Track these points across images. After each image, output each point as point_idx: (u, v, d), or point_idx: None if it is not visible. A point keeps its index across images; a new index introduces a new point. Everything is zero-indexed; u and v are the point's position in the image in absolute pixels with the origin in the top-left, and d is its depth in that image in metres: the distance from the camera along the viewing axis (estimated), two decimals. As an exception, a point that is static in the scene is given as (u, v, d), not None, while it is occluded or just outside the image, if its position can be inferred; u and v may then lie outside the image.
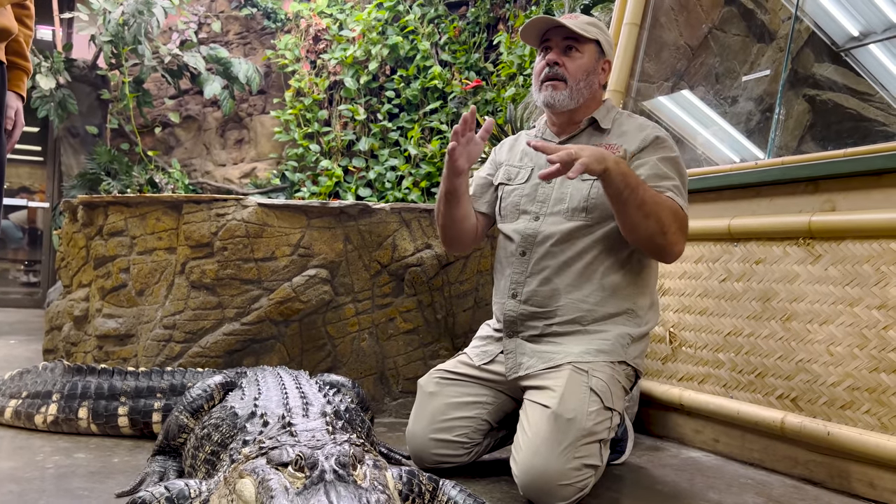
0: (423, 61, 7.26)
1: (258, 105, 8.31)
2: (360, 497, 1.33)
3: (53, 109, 7.31)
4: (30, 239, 10.21)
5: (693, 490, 2.32)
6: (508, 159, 2.54)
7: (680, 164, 2.29)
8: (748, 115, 3.84)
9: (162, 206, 3.19)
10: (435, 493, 1.83)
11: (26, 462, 2.36)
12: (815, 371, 2.43)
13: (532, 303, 2.32)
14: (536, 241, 2.33)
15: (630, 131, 2.34)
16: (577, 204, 2.30)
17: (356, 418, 2.05)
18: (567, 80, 2.31)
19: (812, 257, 2.46)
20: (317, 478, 1.37)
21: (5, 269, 10.84)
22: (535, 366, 2.27)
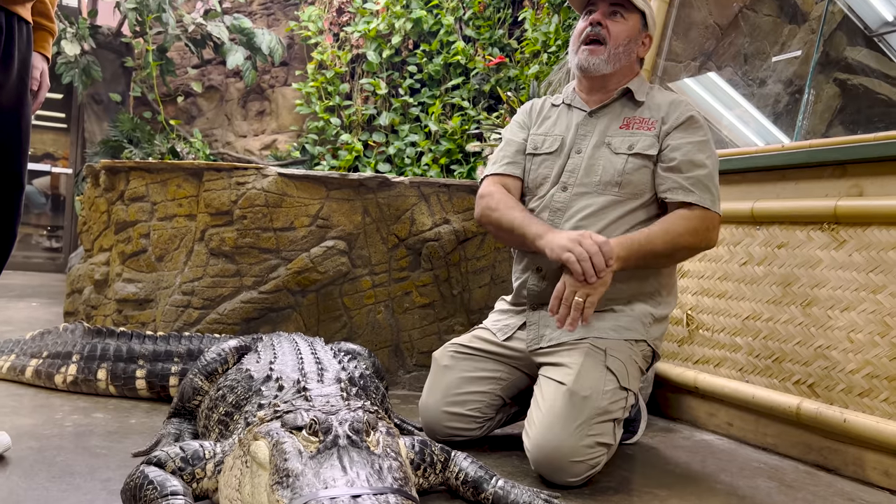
0: (446, 36, 7.20)
1: (280, 77, 8.29)
2: (372, 463, 1.34)
3: (78, 76, 7.34)
4: (53, 204, 10.32)
5: (705, 472, 2.32)
6: (534, 126, 2.50)
7: (712, 146, 2.27)
8: (776, 97, 3.77)
9: (183, 172, 3.21)
10: (446, 464, 1.84)
11: (46, 420, 2.41)
12: (834, 357, 2.40)
13: (557, 278, 2.30)
14: (565, 215, 2.30)
15: (663, 105, 2.31)
16: (609, 178, 2.27)
17: (371, 385, 2.06)
18: (607, 44, 2.27)
19: (836, 243, 2.42)
20: (330, 442, 1.38)
21: (28, 234, 11.00)
22: (559, 338, 2.26)
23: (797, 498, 2.11)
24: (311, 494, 1.23)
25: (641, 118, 2.31)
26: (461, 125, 6.80)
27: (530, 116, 2.53)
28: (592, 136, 2.34)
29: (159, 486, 1.54)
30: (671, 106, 2.30)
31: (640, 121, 2.31)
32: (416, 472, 1.77)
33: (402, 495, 1.27)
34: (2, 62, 1.98)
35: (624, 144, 2.28)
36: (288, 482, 1.29)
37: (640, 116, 2.31)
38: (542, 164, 2.41)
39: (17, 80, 2.04)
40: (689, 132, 2.24)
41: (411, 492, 1.34)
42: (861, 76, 4.06)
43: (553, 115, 2.48)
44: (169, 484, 1.55)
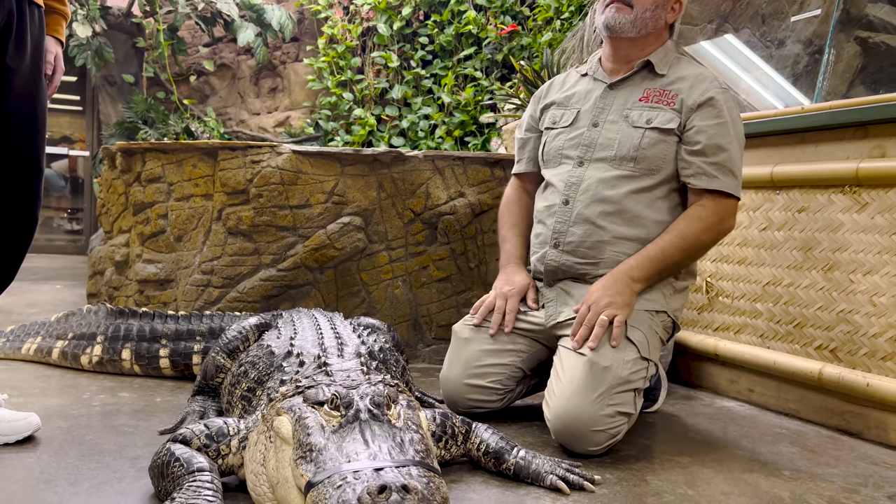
0: (457, 6, 7.11)
1: (291, 53, 8.25)
2: (393, 436, 1.36)
3: (90, 58, 7.36)
4: (72, 187, 10.42)
5: (726, 438, 2.32)
6: (557, 99, 2.48)
7: (737, 125, 2.25)
8: (795, 58, 3.70)
9: (198, 152, 3.21)
10: (468, 435, 1.86)
11: (74, 400, 2.45)
12: (857, 322, 2.38)
13: (575, 253, 2.29)
14: (580, 189, 2.29)
15: (688, 78, 2.26)
16: (625, 152, 2.25)
17: (390, 359, 2.08)
18: (633, 6, 2.22)
19: (858, 205, 2.39)
20: (352, 416, 1.39)
21: (49, 217, 11.11)
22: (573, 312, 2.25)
23: (819, 462, 2.11)
24: (334, 468, 1.25)
25: (662, 90, 2.26)
26: (474, 96, 6.74)
27: (551, 92, 2.53)
28: (611, 110, 2.32)
29: (186, 462, 1.57)
30: (695, 80, 2.25)
31: (660, 93, 2.26)
32: (438, 444, 1.79)
33: (424, 467, 1.28)
34: (15, 47, 1.98)
35: (642, 118, 2.25)
36: (311, 456, 1.31)
37: (661, 89, 2.27)
38: (557, 137, 2.41)
39: (31, 64, 2.05)
40: (715, 113, 2.20)
41: (433, 463, 1.36)
42: (883, 34, 3.96)
43: (577, 86, 2.46)
44: (195, 460, 1.57)
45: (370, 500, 1.13)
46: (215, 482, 1.55)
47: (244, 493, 1.59)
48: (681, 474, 1.95)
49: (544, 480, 1.79)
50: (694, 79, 2.25)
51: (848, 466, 2.08)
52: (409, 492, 1.15)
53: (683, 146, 2.22)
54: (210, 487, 1.52)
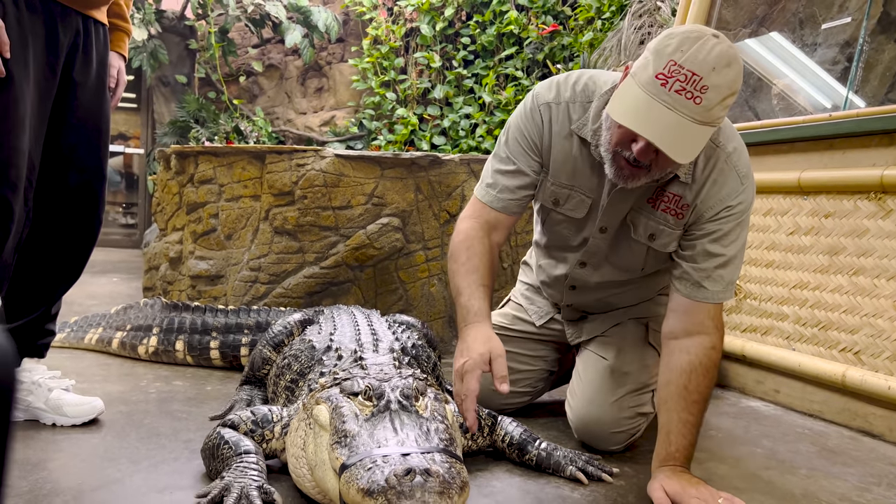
0: (499, 6, 7.20)
1: (337, 53, 8.45)
2: (420, 425, 1.49)
3: (146, 59, 7.67)
4: (127, 183, 10.82)
5: (747, 437, 2.39)
6: (555, 172, 2.03)
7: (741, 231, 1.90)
8: (831, 64, 3.70)
9: (247, 156, 3.40)
10: (493, 427, 1.98)
11: (132, 387, 2.65)
12: (880, 326, 2.42)
13: (591, 308, 2.35)
14: (585, 286, 2.22)
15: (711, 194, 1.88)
16: (631, 265, 2.12)
17: (422, 354, 2.21)
18: (652, 170, 1.77)
19: (883, 212, 2.43)
20: (383, 406, 1.53)
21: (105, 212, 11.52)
22: (597, 330, 2.34)
23: (836, 462, 2.17)
24: (365, 452, 1.39)
25: (674, 195, 1.91)
26: (515, 95, 6.83)
27: (541, 139, 2.02)
28: (620, 212, 2.00)
29: (234, 445, 1.73)
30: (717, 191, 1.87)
31: (670, 199, 1.92)
32: (465, 436, 1.92)
33: (448, 454, 1.41)
34: (82, 63, 2.17)
35: (646, 231, 1.99)
36: (346, 441, 1.45)
37: (673, 192, 1.91)
38: (560, 224, 2.13)
39: (97, 79, 2.23)
40: (720, 221, 1.88)
41: (456, 451, 1.49)
42: (925, 36, 3.93)
43: (574, 155, 1.99)
44: (242, 443, 1.74)
45: (396, 480, 1.27)
46: (260, 463, 1.71)
47: (286, 474, 1.75)
48: (696, 469, 2.03)
49: (564, 471, 1.91)
50: (717, 189, 1.87)
51: (864, 466, 2.14)
52: (432, 475, 1.28)
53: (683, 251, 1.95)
54: (255, 468, 1.68)
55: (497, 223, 2.05)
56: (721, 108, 1.63)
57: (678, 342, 1.88)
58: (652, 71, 1.63)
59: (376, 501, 1.26)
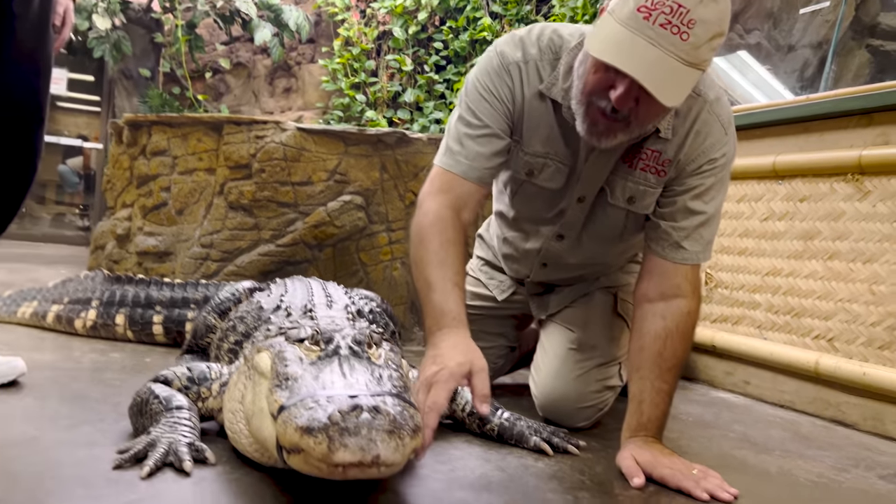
0: (473, 12, 7.16)
1: (307, 54, 8.33)
2: (372, 371, 1.33)
3: (108, 50, 7.44)
4: (86, 184, 10.50)
5: (718, 422, 2.28)
6: (528, 139, 1.85)
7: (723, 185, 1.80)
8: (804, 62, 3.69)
9: (203, 126, 3.23)
10: (453, 396, 1.83)
11: (64, 357, 2.45)
12: (855, 311, 2.35)
13: (559, 281, 2.21)
14: (559, 261, 2.08)
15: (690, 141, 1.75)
16: (610, 234, 1.97)
17: (380, 321, 2.06)
18: (630, 124, 1.61)
19: (860, 194, 2.36)
20: (331, 351, 1.37)
21: (61, 213, 11.19)
22: (564, 301, 2.22)
23: (811, 446, 2.07)
24: (308, 393, 1.23)
25: (652, 151, 1.76)
26: (486, 101, 6.77)
27: (513, 103, 1.81)
28: (599, 178, 1.85)
29: (165, 400, 1.56)
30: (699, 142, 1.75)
31: (649, 156, 1.77)
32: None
33: (401, 399, 1.26)
34: None
35: (624, 194, 1.84)
36: (287, 384, 1.29)
37: (652, 148, 1.76)
38: (535, 196, 1.94)
39: (39, 13, 2.07)
40: (702, 175, 1.76)
41: (410, 398, 1.33)
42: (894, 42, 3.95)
43: (547, 119, 1.82)
44: (175, 399, 1.56)
45: (340, 417, 1.11)
46: (193, 420, 1.53)
47: (224, 438, 1.58)
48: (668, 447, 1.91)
49: (528, 441, 1.77)
50: (699, 141, 1.75)
51: (840, 451, 2.04)
52: (381, 413, 1.13)
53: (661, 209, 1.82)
54: (187, 424, 1.51)
55: (468, 198, 1.80)
56: (708, 48, 1.49)
57: (653, 306, 1.76)
58: (633, 4, 1.47)
59: (316, 439, 1.09)
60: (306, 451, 1.11)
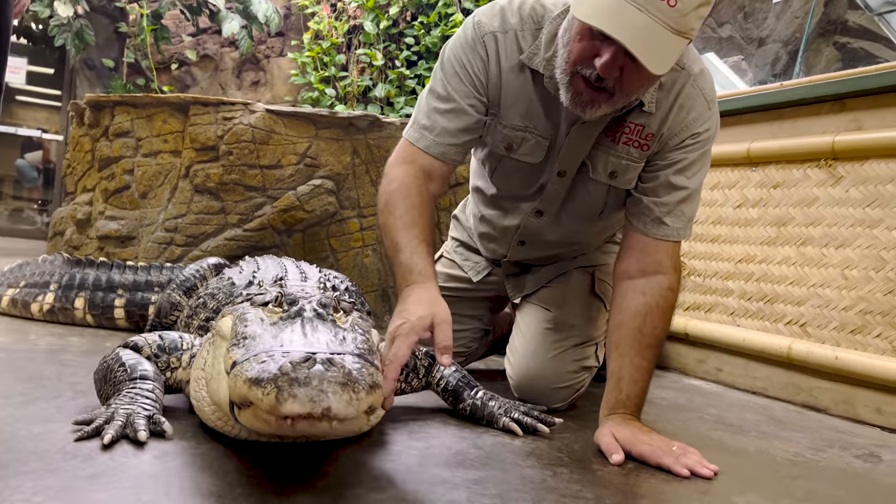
0: (444, 8, 7.12)
1: (276, 47, 8.22)
2: (336, 333, 1.26)
3: (70, 39, 7.24)
4: (45, 179, 10.23)
5: (692, 406, 2.27)
6: (506, 113, 1.80)
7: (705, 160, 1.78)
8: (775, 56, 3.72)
9: (169, 107, 3.14)
10: (430, 369, 1.78)
11: (19, 339, 2.34)
12: (828, 296, 2.35)
13: (535, 260, 2.17)
14: (539, 237, 2.04)
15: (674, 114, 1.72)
16: (590, 211, 1.92)
17: (355, 300, 2.00)
18: (615, 95, 1.57)
19: (833, 179, 2.37)
20: (294, 312, 1.30)
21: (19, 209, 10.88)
22: (540, 281, 2.19)
23: (786, 428, 2.07)
24: (263, 349, 1.15)
25: (635, 125, 1.73)
26: (457, 97, 6.74)
27: (487, 76, 1.77)
28: (581, 152, 1.80)
29: (130, 368, 1.48)
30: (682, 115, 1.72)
31: (632, 129, 1.74)
32: (399, 378, 1.71)
33: (362, 358, 1.19)
34: None
35: (606, 169, 1.80)
36: (244, 343, 1.21)
37: (635, 122, 1.73)
38: (514, 171, 1.90)
39: None
40: (686, 150, 1.73)
41: (374, 360, 1.27)
42: (862, 40, 4.01)
43: (527, 91, 1.77)
44: (140, 367, 1.49)
45: (291, 367, 1.05)
46: (156, 392, 1.46)
47: (193, 413, 1.50)
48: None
49: (497, 422, 1.72)
50: (683, 114, 1.72)
51: (814, 433, 2.04)
52: (335, 365, 1.06)
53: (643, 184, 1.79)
54: (149, 397, 1.43)
55: (433, 172, 1.77)
56: (696, 17, 1.46)
57: (633, 282, 1.74)
58: None
59: (264, 390, 1.03)
60: (255, 403, 1.04)
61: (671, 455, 1.54)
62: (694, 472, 1.51)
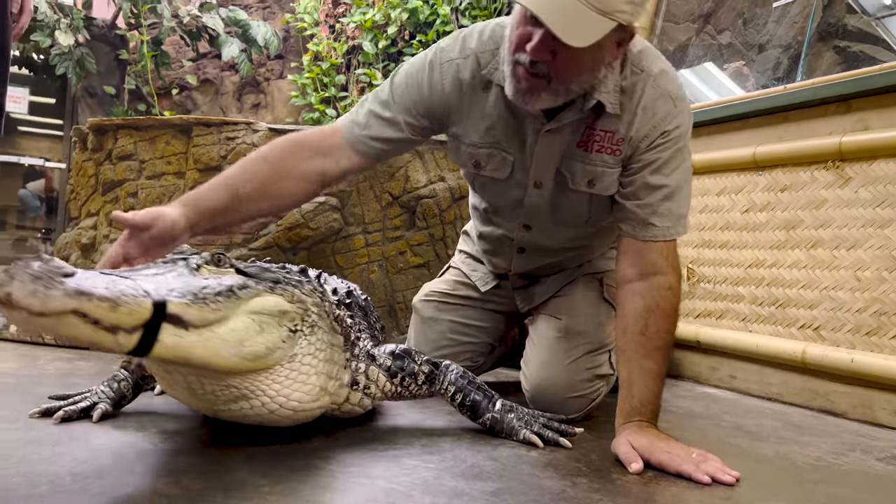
0: (442, 26, 7.16)
1: (276, 70, 8.26)
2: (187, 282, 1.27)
3: (72, 67, 7.29)
4: (48, 208, 10.25)
5: (708, 413, 2.24)
6: (469, 132, 1.83)
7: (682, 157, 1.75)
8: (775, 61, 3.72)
9: (172, 129, 3.14)
10: (432, 377, 1.74)
11: (27, 364, 2.33)
12: (841, 298, 2.33)
13: (541, 271, 2.17)
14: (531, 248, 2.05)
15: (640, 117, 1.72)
16: (576, 219, 1.92)
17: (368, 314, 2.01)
18: (552, 81, 1.59)
19: (841, 180, 2.36)
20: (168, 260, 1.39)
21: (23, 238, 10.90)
22: (549, 291, 2.17)
23: (805, 433, 2.03)
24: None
25: (605, 132, 1.74)
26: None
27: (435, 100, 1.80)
28: (552, 161, 1.81)
29: None
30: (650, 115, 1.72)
31: (603, 136, 1.75)
32: (393, 380, 1.69)
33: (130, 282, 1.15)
34: None
35: (584, 178, 1.80)
36: None
37: (605, 129, 1.74)
38: (490, 186, 1.93)
39: None
40: (658, 149, 1.73)
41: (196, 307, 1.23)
42: (861, 44, 4.02)
43: (490, 108, 1.79)
44: None
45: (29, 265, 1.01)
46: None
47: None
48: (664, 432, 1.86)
49: (517, 434, 1.69)
50: (649, 113, 1.72)
51: (833, 437, 2.01)
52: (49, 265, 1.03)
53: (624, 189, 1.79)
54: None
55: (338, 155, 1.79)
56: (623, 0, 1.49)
57: (632, 286, 1.72)
58: None
59: None
60: None
61: (691, 462, 1.51)
62: (715, 478, 1.48)
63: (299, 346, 1.45)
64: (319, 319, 1.51)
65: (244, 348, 1.31)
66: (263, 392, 1.40)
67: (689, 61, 3.81)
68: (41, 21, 7.06)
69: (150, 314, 1.13)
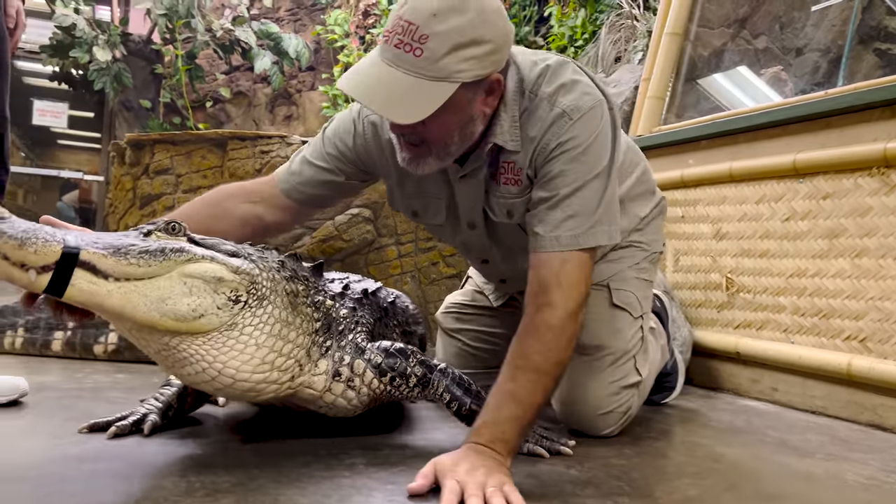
0: (472, 35, 7.16)
1: (307, 81, 8.35)
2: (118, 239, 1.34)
3: (109, 82, 7.45)
4: (83, 219, 10.45)
5: (751, 429, 2.18)
6: (401, 182, 1.89)
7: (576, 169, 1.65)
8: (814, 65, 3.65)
9: (207, 143, 3.18)
10: (425, 381, 1.67)
11: (66, 378, 2.36)
12: (888, 308, 2.26)
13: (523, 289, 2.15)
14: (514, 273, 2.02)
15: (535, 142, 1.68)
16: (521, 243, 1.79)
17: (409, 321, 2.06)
18: (431, 146, 1.59)
19: (887, 187, 2.29)
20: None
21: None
22: None
23: (853, 449, 1.97)
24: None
25: (507, 163, 1.73)
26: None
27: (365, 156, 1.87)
28: (476, 201, 1.82)
29: None
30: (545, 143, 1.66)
31: (507, 168, 1.74)
32: (382, 378, 1.65)
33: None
34: None
35: (502, 211, 1.80)
36: None
37: (508, 161, 1.72)
38: (435, 231, 2.07)
39: None
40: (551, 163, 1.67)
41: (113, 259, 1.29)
42: (903, 45, 3.91)
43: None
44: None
45: None
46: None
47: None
48: (704, 452, 1.83)
49: (521, 447, 1.65)
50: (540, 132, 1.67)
51: (885, 454, 1.94)
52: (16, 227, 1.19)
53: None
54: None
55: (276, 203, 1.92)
56: (456, 59, 1.46)
57: (526, 307, 1.63)
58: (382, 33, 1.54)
59: None
60: None
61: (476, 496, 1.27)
62: None
63: (241, 316, 1.44)
64: (271, 294, 1.50)
65: (164, 306, 1.34)
66: (202, 357, 1.41)
67: (724, 66, 3.75)
68: (80, 38, 7.23)
69: (57, 257, 1.22)
